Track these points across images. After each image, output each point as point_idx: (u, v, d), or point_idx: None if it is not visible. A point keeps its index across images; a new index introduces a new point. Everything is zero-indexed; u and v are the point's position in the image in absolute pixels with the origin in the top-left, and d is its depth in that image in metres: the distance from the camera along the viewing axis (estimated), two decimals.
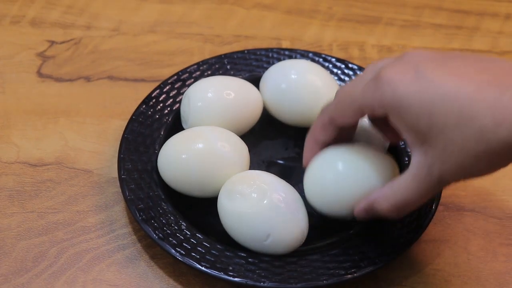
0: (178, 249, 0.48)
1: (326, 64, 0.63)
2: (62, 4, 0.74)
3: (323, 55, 0.63)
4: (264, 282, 0.46)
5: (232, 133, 0.54)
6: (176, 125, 0.58)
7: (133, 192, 0.52)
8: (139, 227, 0.52)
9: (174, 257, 0.48)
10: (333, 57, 0.63)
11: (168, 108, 0.59)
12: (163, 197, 0.52)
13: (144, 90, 0.62)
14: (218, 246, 0.49)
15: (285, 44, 0.71)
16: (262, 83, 0.59)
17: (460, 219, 0.55)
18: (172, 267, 0.50)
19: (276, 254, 0.49)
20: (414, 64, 0.39)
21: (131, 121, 0.57)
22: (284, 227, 0.48)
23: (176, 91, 0.60)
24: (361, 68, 0.62)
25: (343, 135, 0.48)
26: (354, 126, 0.48)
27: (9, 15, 0.72)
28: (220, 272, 0.47)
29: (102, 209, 0.54)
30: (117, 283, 0.49)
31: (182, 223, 0.50)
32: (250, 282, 0.47)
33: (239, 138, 0.54)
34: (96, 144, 0.59)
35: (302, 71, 0.58)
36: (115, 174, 0.55)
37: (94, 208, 0.54)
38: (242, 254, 0.49)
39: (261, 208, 0.48)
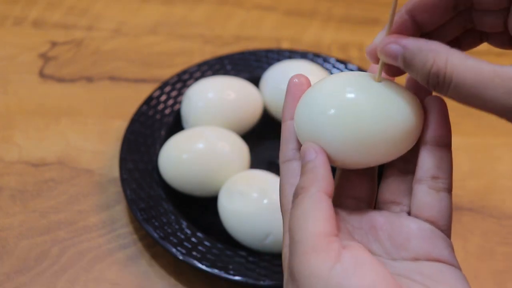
0: (179, 248, 0.49)
1: (326, 64, 0.63)
2: (63, 6, 0.74)
3: (323, 56, 0.64)
4: (264, 281, 0.47)
5: (232, 133, 0.55)
6: (176, 125, 0.58)
7: (134, 191, 0.52)
8: (140, 226, 0.53)
9: (175, 256, 0.48)
10: (333, 58, 0.64)
11: (169, 109, 0.59)
12: (164, 196, 0.53)
13: (145, 91, 0.63)
14: (219, 245, 0.50)
15: (285, 45, 0.71)
16: (262, 83, 0.60)
17: (458, 219, 0.55)
18: (173, 266, 0.51)
19: (276, 253, 0.49)
20: None
21: (132, 121, 0.57)
22: None
23: (176, 91, 0.61)
24: (360, 69, 0.63)
25: None
26: None
27: (12, 16, 0.73)
28: (220, 271, 0.47)
29: (104, 208, 0.55)
30: (118, 282, 0.50)
31: (183, 222, 0.51)
32: (250, 281, 0.47)
33: (239, 138, 0.55)
34: (97, 144, 0.60)
35: (301, 71, 0.58)
36: (116, 174, 0.56)
37: (95, 208, 0.55)
38: (242, 253, 0.49)
39: (261, 208, 0.48)
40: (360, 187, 0.35)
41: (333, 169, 0.33)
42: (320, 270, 0.27)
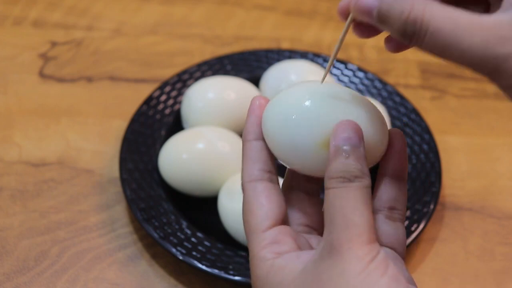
0: (179, 248, 0.49)
1: (326, 64, 0.63)
2: (63, 5, 0.74)
3: (323, 56, 0.64)
4: None
5: (232, 133, 0.55)
6: (176, 125, 0.58)
7: (134, 191, 0.52)
8: (140, 227, 0.53)
9: (175, 256, 0.48)
10: None
11: (169, 109, 0.60)
12: (163, 196, 0.53)
13: (145, 91, 0.63)
14: (219, 245, 0.50)
15: (285, 45, 0.71)
16: (262, 83, 0.60)
17: (459, 219, 0.55)
18: (173, 266, 0.51)
19: None
20: None
21: (132, 121, 0.57)
22: None
23: (176, 91, 0.61)
24: (360, 69, 0.63)
25: None
26: None
27: (11, 16, 0.73)
28: (220, 271, 0.47)
29: (104, 208, 0.55)
30: (118, 282, 0.50)
31: (183, 222, 0.51)
32: (250, 281, 0.47)
33: (239, 138, 0.55)
34: (97, 144, 0.60)
35: (301, 71, 0.58)
36: (116, 174, 0.56)
37: (95, 208, 0.55)
38: (242, 253, 0.49)
39: None
40: (312, 215, 0.35)
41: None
42: (367, 256, 0.29)
